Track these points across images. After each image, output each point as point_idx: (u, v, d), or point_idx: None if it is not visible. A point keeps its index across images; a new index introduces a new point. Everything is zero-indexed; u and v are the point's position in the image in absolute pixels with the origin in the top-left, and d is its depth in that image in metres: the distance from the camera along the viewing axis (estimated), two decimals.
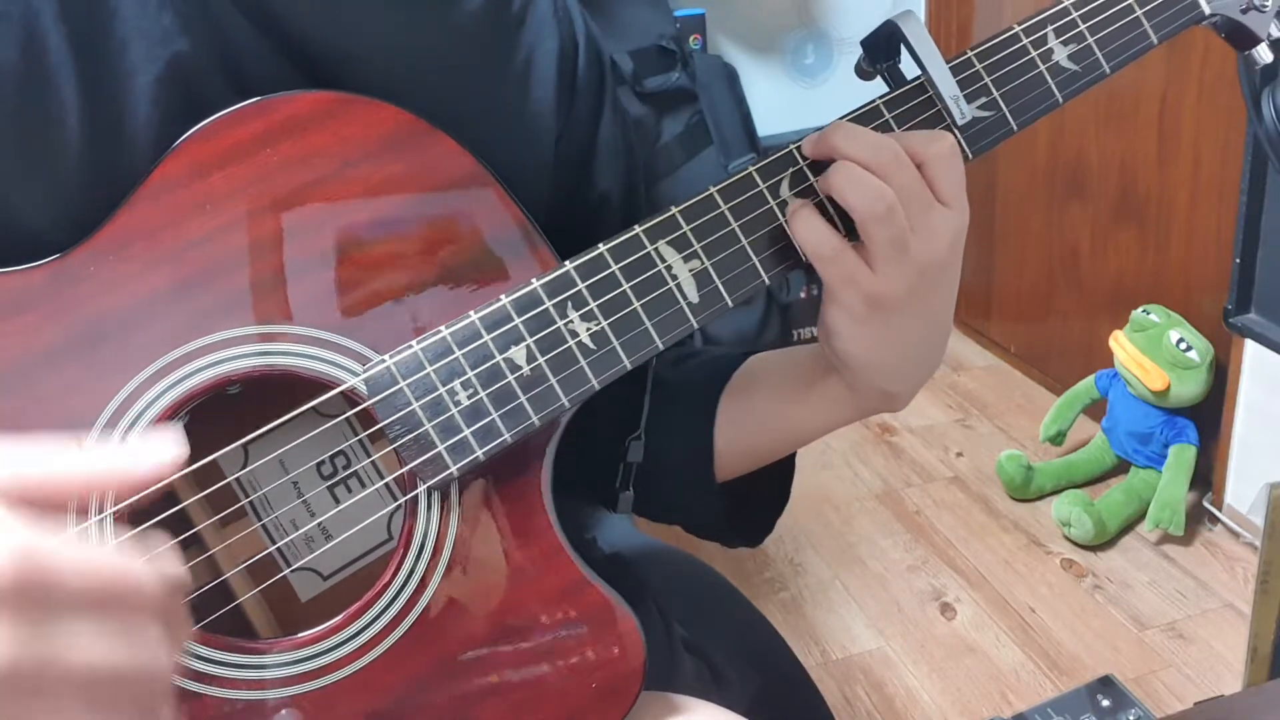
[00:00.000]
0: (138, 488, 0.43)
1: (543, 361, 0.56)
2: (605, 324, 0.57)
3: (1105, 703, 1.32)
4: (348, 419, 0.59)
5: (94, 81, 0.55)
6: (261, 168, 0.55)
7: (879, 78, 0.65)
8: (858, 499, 2.13)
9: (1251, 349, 1.79)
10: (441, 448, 0.55)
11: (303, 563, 0.61)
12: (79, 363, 0.53)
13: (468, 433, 0.55)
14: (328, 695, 0.56)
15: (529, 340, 0.56)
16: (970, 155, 0.62)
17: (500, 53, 0.65)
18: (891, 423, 2.34)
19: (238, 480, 0.59)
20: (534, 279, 0.57)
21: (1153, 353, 1.91)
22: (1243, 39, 0.66)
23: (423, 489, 0.56)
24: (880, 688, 1.68)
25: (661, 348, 0.58)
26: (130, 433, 0.53)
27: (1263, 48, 0.66)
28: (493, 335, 0.56)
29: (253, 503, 0.60)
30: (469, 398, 0.55)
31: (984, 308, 2.62)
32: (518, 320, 0.56)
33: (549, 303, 0.56)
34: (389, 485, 0.59)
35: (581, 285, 0.57)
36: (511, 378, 0.56)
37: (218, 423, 0.56)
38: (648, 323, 0.57)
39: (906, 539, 2.01)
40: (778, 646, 0.89)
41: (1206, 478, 1.95)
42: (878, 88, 0.63)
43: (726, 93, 2.22)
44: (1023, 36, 0.62)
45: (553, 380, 0.56)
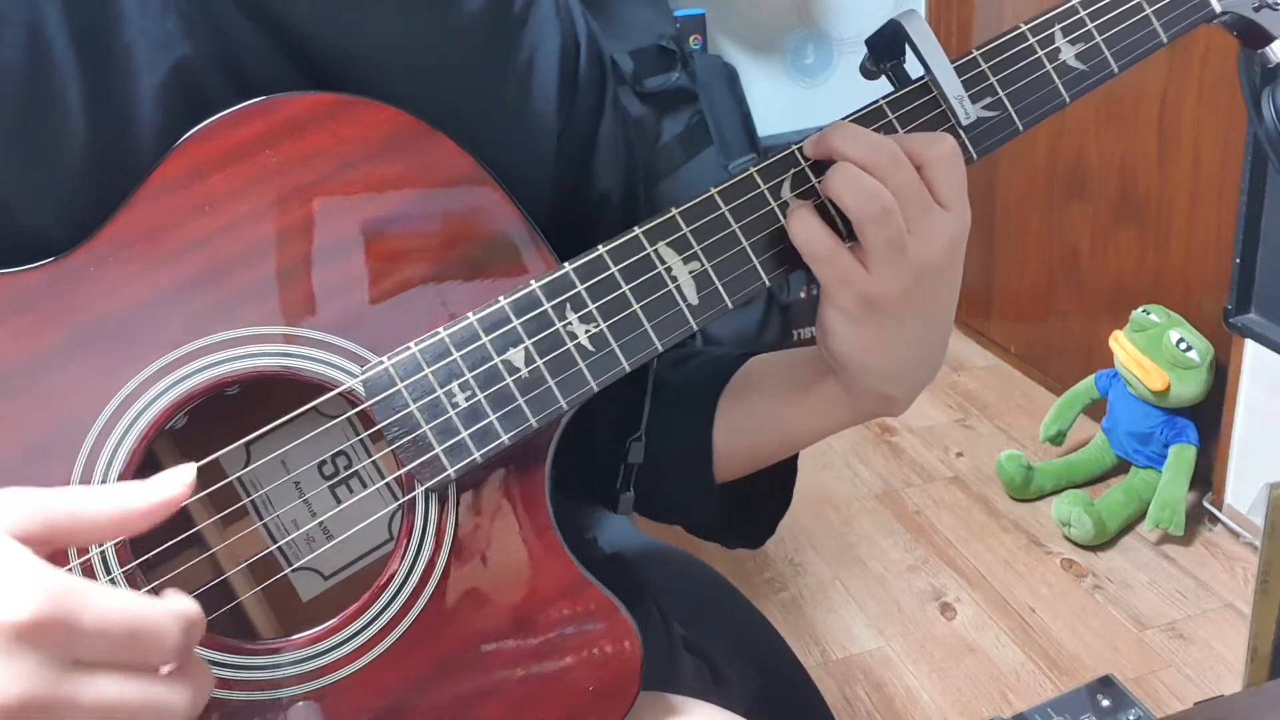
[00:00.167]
0: (154, 522, 0.46)
1: (541, 364, 0.56)
2: (604, 326, 0.57)
3: (1105, 703, 1.32)
4: (349, 418, 0.59)
5: (98, 84, 0.55)
6: (261, 169, 0.55)
7: (883, 77, 0.65)
8: (858, 499, 2.13)
9: (1251, 349, 1.79)
10: (439, 449, 0.55)
11: (303, 562, 0.61)
12: (79, 363, 0.53)
13: (465, 435, 0.55)
14: (326, 696, 0.56)
15: (528, 342, 0.56)
16: (975, 156, 0.61)
17: (502, 53, 0.65)
18: (891, 423, 2.34)
19: (239, 479, 0.60)
20: (533, 280, 0.56)
21: (1153, 353, 1.90)
22: (1255, 37, 0.65)
23: (421, 490, 0.56)
24: (880, 688, 1.68)
25: (661, 350, 0.58)
26: (129, 434, 0.53)
27: (1276, 46, 0.65)
28: (491, 337, 0.56)
29: (254, 502, 0.60)
30: (467, 400, 0.55)
31: (984, 308, 2.61)
32: (516, 322, 0.56)
33: (548, 304, 0.56)
34: (390, 485, 0.59)
35: (581, 287, 0.57)
36: (510, 380, 0.56)
37: (218, 422, 0.56)
38: (647, 325, 0.57)
39: (906, 539, 2.01)
40: (778, 646, 0.89)
41: (1206, 478, 1.95)
42: (879, 88, 0.63)
43: (726, 93, 2.22)
44: (1029, 36, 0.61)
45: (551, 382, 0.56)
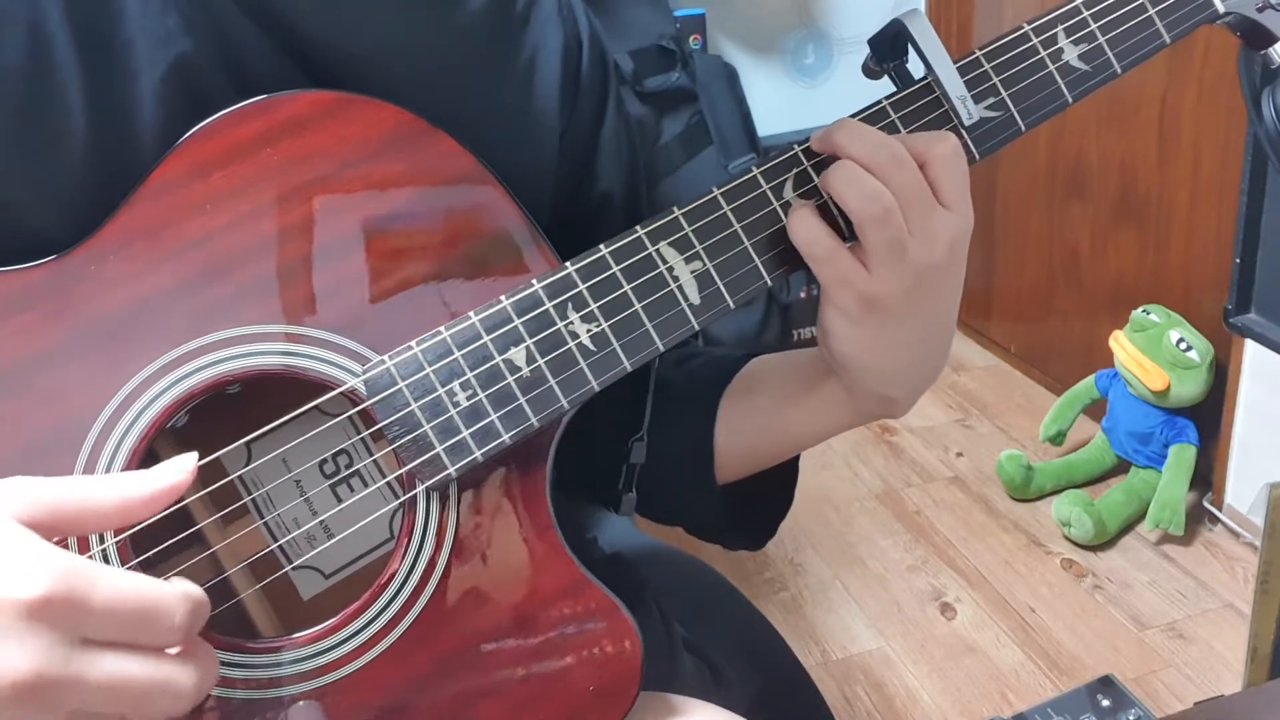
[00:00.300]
0: (156, 510, 0.46)
1: (543, 363, 0.56)
2: (606, 325, 0.57)
3: (1105, 703, 1.32)
4: (350, 417, 0.59)
5: (99, 82, 0.55)
6: (262, 167, 0.55)
7: (886, 77, 0.65)
8: (858, 499, 2.13)
9: (1251, 349, 1.79)
10: (440, 449, 0.55)
11: (304, 560, 0.61)
12: (80, 362, 0.53)
13: (466, 434, 0.55)
14: (326, 694, 0.55)
15: (529, 341, 0.56)
16: (977, 156, 0.61)
17: (504, 52, 0.64)
18: (891, 423, 2.34)
19: (240, 478, 0.59)
20: (535, 280, 0.56)
21: (1153, 353, 1.90)
22: (1259, 38, 0.65)
23: (421, 489, 0.56)
24: (880, 688, 1.68)
25: (662, 349, 0.57)
26: (129, 433, 0.53)
27: (1279, 47, 0.65)
28: (492, 336, 0.56)
29: (255, 500, 0.60)
30: (468, 399, 0.55)
31: (984, 308, 2.61)
32: (518, 321, 0.56)
33: (549, 304, 0.56)
34: (390, 484, 0.59)
35: (582, 286, 0.57)
36: (511, 379, 0.56)
37: (219, 421, 0.56)
38: (649, 324, 0.57)
39: (906, 539, 2.01)
40: (778, 646, 0.89)
41: (1206, 478, 1.95)
42: (879, 88, 0.63)
43: (726, 93, 2.22)
44: (1032, 36, 0.61)
45: (552, 382, 0.56)
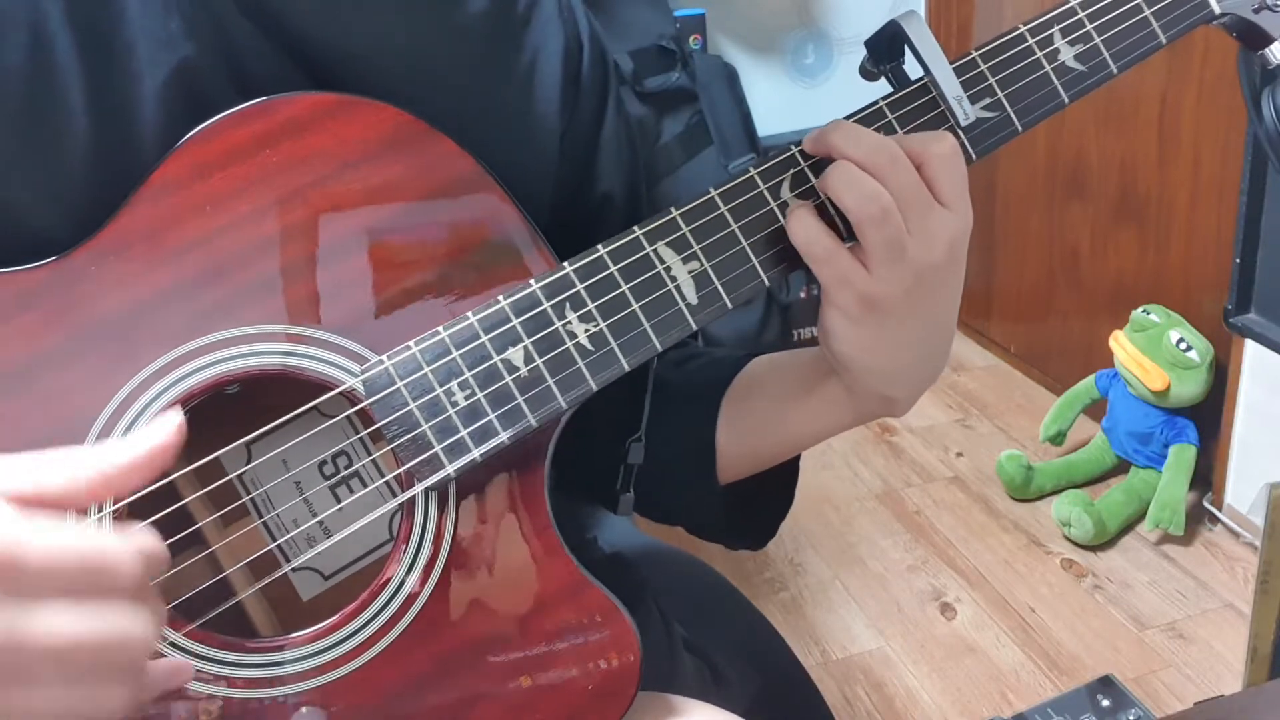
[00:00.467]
0: (146, 476, 0.45)
1: (540, 363, 0.56)
2: (604, 325, 0.57)
3: (1105, 703, 1.32)
4: (348, 417, 0.59)
5: (101, 84, 0.55)
6: (262, 169, 0.55)
7: (883, 78, 0.65)
8: (858, 499, 2.13)
9: (1251, 349, 1.79)
10: (438, 448, 0.55)
11: (303, 560, 0.61)
12: (80, 362, 0.53)
13: (465, 433, 0.55)
14: (325, 694, 0.56)
15: (527, 341, 0.56)
16: (974, 156, 0.61)
17: (504, 53, 0.65)
18: (891, 423, 2.34)
19: (239, 478, 0.60)
20: (533, 280, 0.57)
21: (1153, 353, 1.91)
22: (1255, 39, 0.65)
23: (420, 489, 0.56)
24: (880, 688, 1.68)
25: (660, 349, 0.58)
26: (129, 432, 0.53)
27: (1276, 47, 0.65)
28: (491, 336, 0.56)
29: (254, 500, 0.60)
30: (466, 399, 0.55)
31: (984, 308, 2.62)
32: (516, 321, 0.56)
33: (547, 304, 0.56)
34: (389, 484, 0.59)
35: (580, 286, 0.57)
36: (509, 379, 0.56)
37: (218, 421, 0.56)
38: (646, 324, 0.57)
39: (906, 539, 2.01)
40: (778, 646, 0.89)
41: (1206, 478, 1.95)
42: (879, 88, 0.63)
43: (726, 93, 2.22)
44: (1028, 37, 0.62)
45: (550, 381, 0.56)
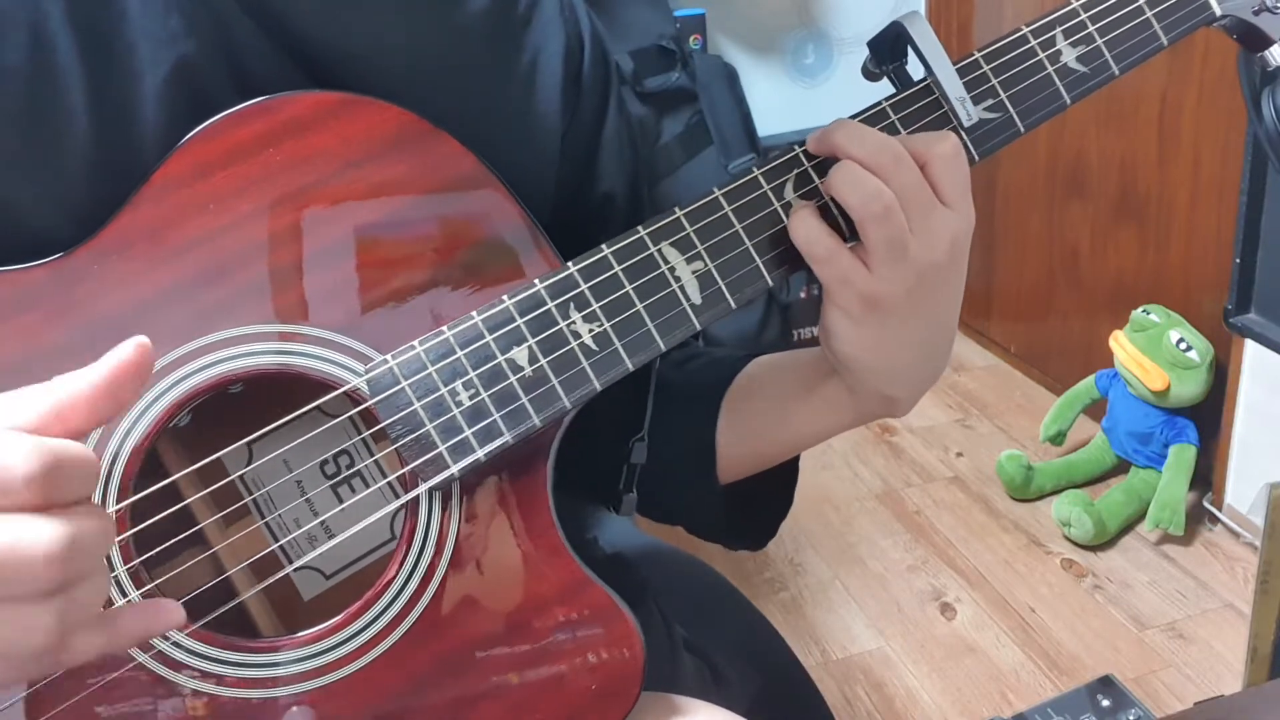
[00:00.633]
0: (112, 401, 0.44)
1: (545, 362, 0.56)
2: (608, 325, 0.57)
3: (1105, 703, 1.32)
4: (351, 418, 0.59)
5: (102, 83, 0.55)
6: (264, 168, 0.55)
7: (885, 79, 0.65)
8: (858, 499, 2.13)
9: (1251, 349, 1.79)
10: (442, 448, 0.55)
11: (305, 561, 0.61)
12: (80, 362, 0.52)
13: (469, 433, 0.55)
14: (329, 694, 0.56)
15: (531, 341, 0.56)
16: (977, 157, 0.61)
17: (505, 53, 0.65)
18: (891, 423, 2.34)
19: (241, 478, 0.60)
20: (537, 280, 0.56)
21: (1153, 353, 1.91)
22: (1255, 41, 0.66)
23: (423, 489, 0.56)
24: (880, 688, 1.68)
25: (664, 349, 0.58)
26: (132, 432, 0.53)
27: (1276, 49, 0.65)
28: (495, 336, 0.56)
29: (256, 501, 0.60)
30: (470, 398, 0.55)
31: (984, 308, 2.62)
32: (520, 321, 0.56)
33: (551, 304, 0.56)
34: (392, 484, 0.59)
35: (584, 286, 0.57)
36: (513, 378, 0.56)
37: (220, 421, 0.56)
38: (650, 324, 0.57)
39: (906, 539, 2.01)
40: (778, 646, 0.89)
41: (1206, 478, 1.95)
42: (879, 88, 0.63)
43: (726, 93, 2.22)
44: (1031, 38, 0.62)
45: (555, 381, 0.56)
